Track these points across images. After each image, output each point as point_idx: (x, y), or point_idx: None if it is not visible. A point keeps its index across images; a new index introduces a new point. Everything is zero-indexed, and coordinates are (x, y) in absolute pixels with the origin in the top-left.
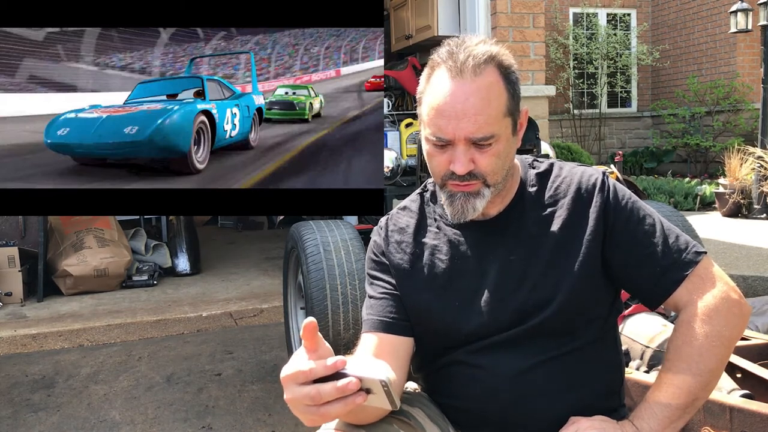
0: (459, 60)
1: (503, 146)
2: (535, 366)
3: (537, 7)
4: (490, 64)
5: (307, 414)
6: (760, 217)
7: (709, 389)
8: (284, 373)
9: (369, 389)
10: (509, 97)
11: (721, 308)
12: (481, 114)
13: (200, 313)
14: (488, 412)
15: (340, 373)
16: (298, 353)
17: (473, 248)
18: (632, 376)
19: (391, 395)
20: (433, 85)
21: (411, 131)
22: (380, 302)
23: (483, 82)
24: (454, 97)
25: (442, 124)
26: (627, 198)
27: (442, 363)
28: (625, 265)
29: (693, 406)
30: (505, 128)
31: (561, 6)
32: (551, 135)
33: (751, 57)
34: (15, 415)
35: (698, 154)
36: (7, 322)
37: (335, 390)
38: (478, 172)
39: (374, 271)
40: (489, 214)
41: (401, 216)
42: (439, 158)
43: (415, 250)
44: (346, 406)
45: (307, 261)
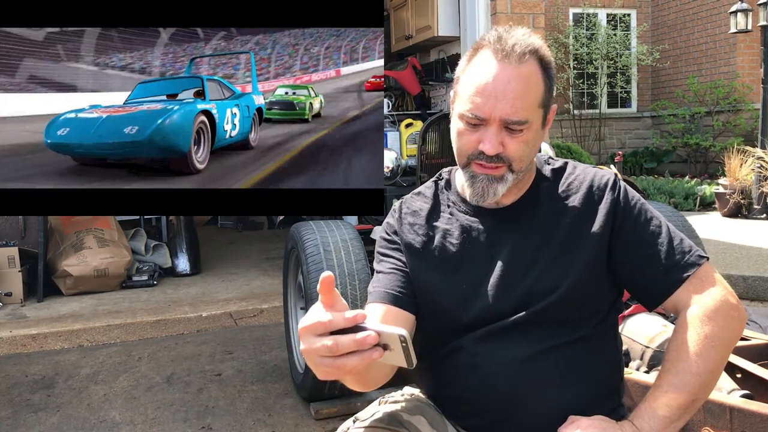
0: (507, 45)
1: (532, 135)
2: (535, 356)
3: (537, 7)
4: (534, 56)
5: (322, 366)
6: (760, 218)
7: (709, 390)
8: (302, 324)
9: (386, 345)
10: (545, 90)
11: (720, 310)
12: (519, 99)
13: (200, 313)
14: (487, 402)
15: (359, 326)
16: (315, 307)
17: (485, 235)
18: (632, 376)
19: (408, 351)
20: (477, 64)
21: (411, 131)
22: (388, 276)
23: (525, 70)
24: (497, 78)
25: (480, 103)
26: (636, 199)
27: (444, 351)
28: (629, 263)
29: (692, 407)
30: (537, 118)
31: (561, 6)
32: (551, 135)
33: (751, 57)
34: (15, 415)
35: (698, 155)
36: (7, 323)
37: (353, 342)
38: (506, 156)
39: (385, 249)
40: (503, 203)
41: (415, 200)
42: (469, 137)
43: (427, 232)
44: (363, 360)
45: (307, 261)
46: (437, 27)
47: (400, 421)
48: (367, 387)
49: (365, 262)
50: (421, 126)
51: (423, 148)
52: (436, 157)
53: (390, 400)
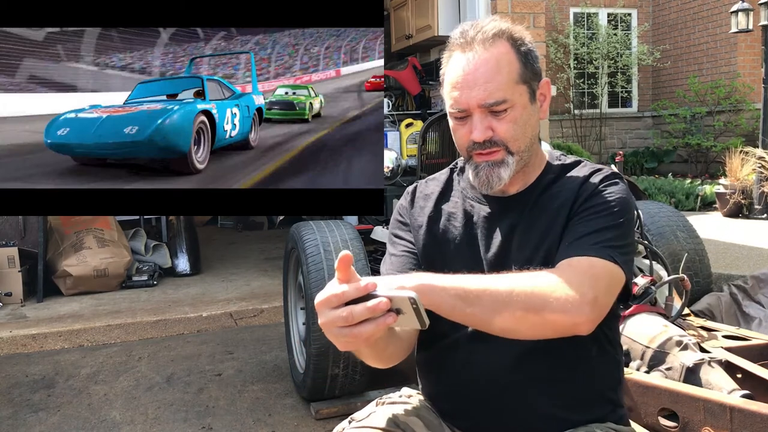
0: (469, 36)
1: (520, 113)
2: (530, 354)
3: (537, 6)
4: (501, 38)
5: (340, 337)
6: (761, 218)
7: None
8: (318, 299)
9: (399, 309)
10: (521, 66)
11: (569, 292)
12: (491, 81)
13: (200, 313)
14: (481, 401)
15: (371, 294)
16: (331, 283)
17: (486, 220)
18: (632, 376)
19: (420, 313)
20: (449, 65)
21: (411, 131)
22: (400, 259)
23: (493, 53)
24: (465, 68)
25: (456, 96)
26: (610, 196)
27: (442, 344)
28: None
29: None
30: (520, 95)
31: (561, 6)
32: (552, 135)
33: (752, 57)
34: (15, 415)
35: (699, 155)
36: (7, 323)
37: (366, 310)
38: (498, 139)
39: (397, 230)
40: (508, 191)
41: (428, 185)
42: (461, 131)
43: (434, 214)
44: (378, 326)
45: (307, 261)
46: (437, 27)
47: (395, 422)
48: (385, 363)
49: (365, 262)
50: (421, 126)
51: (423, 148)
52: (436, 157)
53: (387, 401)
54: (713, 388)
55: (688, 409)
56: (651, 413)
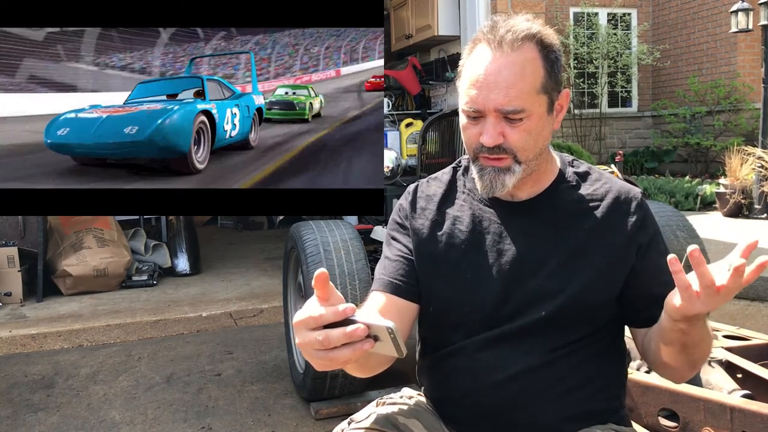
0: (498, 34)
1: (535, 123)
2: (537, 366)
3: (537, 6)
4: (530, 41)
5: (317, 358)
6: (761, 217)
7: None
8: (296, 319)
9: (376, 336)
10: (546, 75)
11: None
12: (512, 87)
13: (200, 313)
14: (484, 409)
15: (349, 319)
16: (311, 301)
17: (496, 225)
18: (632, 376)
19: (397, 342)
20: (472, 58)
21: (411, 131)
22: (394, 264)
23: (519, 57)
24: (488, 68)
25: (475, 95)
26: (657, 225)
27: (446, 351)
28: (634, 287)
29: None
30: (539, 105)
31: (561, 5)
32: (552, 135)
33: (752, 57)
34: (15, 415)
35: (699, 154)
36: (7, 323)
37: (343, 335)
38: (508, 147)
39: (395, 232)
40: (518, 196)
41: (430, 185)
42: (472, 130)
43: (437, 218)
44: (354, 351)
45: (307, 261)
46: (437, 26)
47: (395, 423)
48: (367, 373)
49: (365, 262)
50: (421, 126)
51: (423, 148)
52: (436, 157)
53: (388, 401)
54: (713, 388)
55: (689, 409)
56: (651, 413)
